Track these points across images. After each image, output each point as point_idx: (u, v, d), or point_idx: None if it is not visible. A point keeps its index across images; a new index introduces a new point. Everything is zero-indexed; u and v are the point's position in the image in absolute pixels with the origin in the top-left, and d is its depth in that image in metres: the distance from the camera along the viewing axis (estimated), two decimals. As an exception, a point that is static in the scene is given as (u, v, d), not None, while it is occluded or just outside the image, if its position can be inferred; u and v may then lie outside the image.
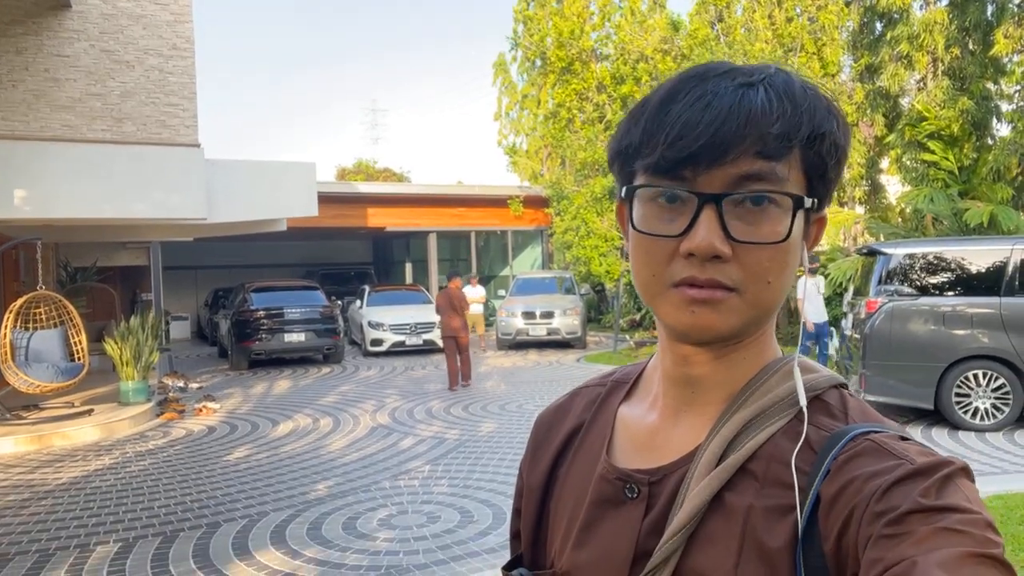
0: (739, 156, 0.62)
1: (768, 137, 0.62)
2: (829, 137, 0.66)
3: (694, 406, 0.71)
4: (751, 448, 0.65)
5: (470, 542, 4.59)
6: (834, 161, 0.67)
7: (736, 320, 0.65)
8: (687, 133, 0.62)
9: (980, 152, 13.47)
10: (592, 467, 0.77)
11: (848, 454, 0.61)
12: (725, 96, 0.63)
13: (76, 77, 9.01)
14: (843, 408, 0.67)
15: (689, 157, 0.63)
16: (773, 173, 0.63)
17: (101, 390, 10.14)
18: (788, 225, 0.64)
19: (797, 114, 0.64)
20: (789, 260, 0.66)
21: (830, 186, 0.68)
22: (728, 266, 0.63)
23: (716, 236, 0.62)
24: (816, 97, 0.67)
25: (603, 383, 0.86)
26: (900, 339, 7.28)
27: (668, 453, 0.71)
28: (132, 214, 9.09)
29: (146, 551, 4.60)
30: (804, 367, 0.71)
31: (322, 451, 7.12)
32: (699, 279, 0.63)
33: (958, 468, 0.58)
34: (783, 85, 0.65)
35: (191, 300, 23.79)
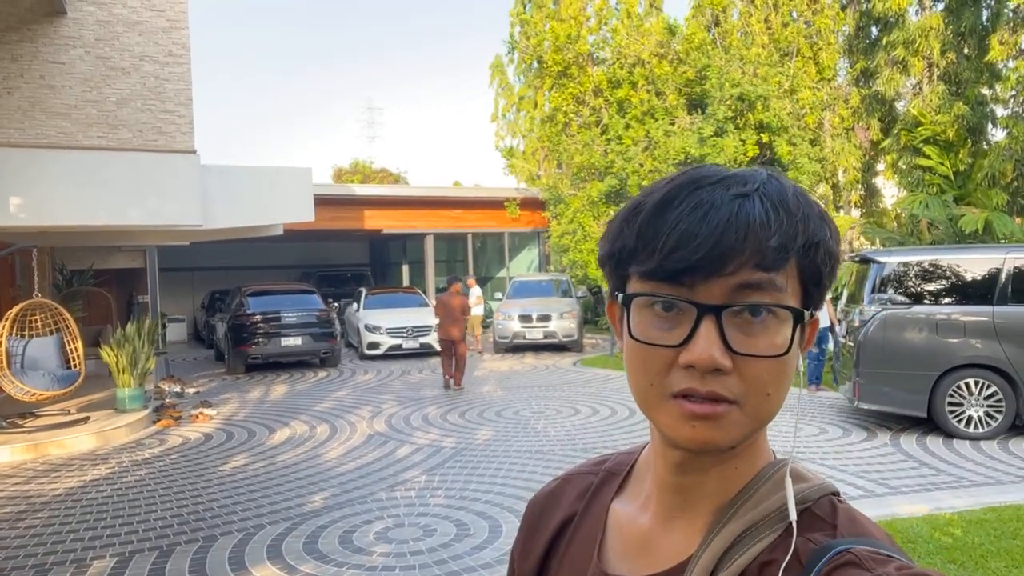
0: (738, 268, 0.63)
1: (767, 249, 0.63)
2: (823, 245, 0.66)
3: (686, 513, 0.72)
4: (741, 565, 0.66)
5: (466, 557, 4.60)
6: (828, 269, 0.67)
7: (737, 433, 0.65)
8: (685, 244, 0.63)
9: (975, 157, 13.53)
10: (584, 566, 0.77)
11: (830, 567, 0.61)
12: (722, 207, 0.64)
13: (71, 84, 9.00)
14: (833, 519, 0.67)
15: (688, 268, 0.63)
16: (772, 284, 0.63)
17: (97, 396, 10.13)
18: (788, 337, 0.64)
19: (793, 224, 0.64)
20: (788, 371, 0.66)
21: (824, 292, 0.69)
22: (728, 378, 0.63)
23: (716, 348, 0.62)
24: (808, 205, 0.67)
25: (595, 471, 0.86)
26: (893, 347, 7.33)
27: (659, 561, 0.71)
28: (127, 221, 9.08)
29: (143, 566, 4.60)
30: (796, 475, 0.70)
31: (319, 460, 7.12)
32: (700, 391, 0.63)
33: None
34: (777, 195, 0.66)
35: (187, 302, 23.75)
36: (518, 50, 20.29)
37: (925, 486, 5.76)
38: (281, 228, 13.47)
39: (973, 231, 11.21)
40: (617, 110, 16.76)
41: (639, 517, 0.76)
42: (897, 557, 0.62)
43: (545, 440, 7.66)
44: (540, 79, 19.73)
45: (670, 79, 16.27)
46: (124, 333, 9.35)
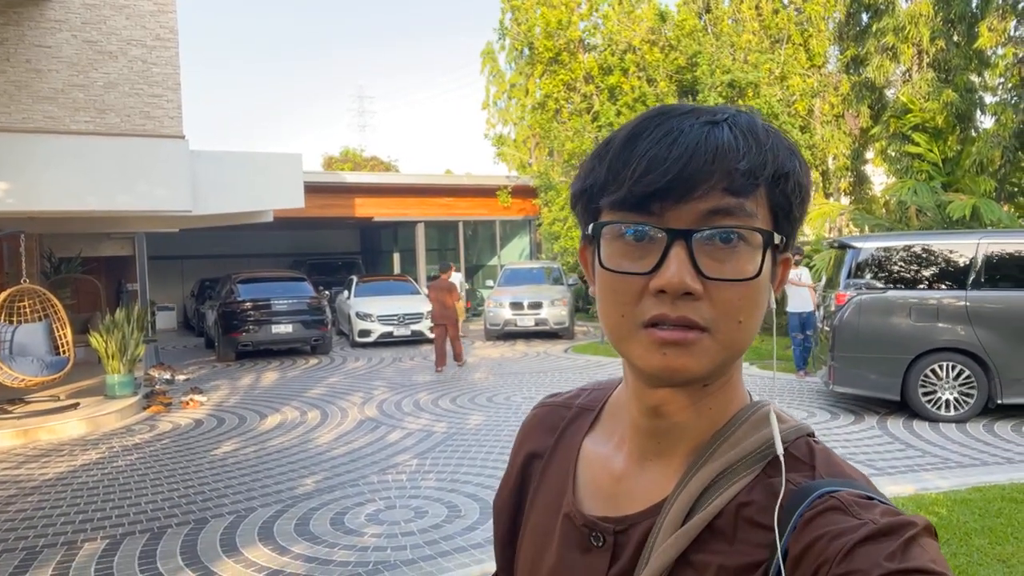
0: (707, 192, 0.62)
1: (735, 173, 0.62)
2: (793, 176, 0.66)
3: (661, 456, 0.71)
4: (718, 506, 0.65)
5: (457, 537, 4.63)
6: (798, 200, 0.67)
7: (708, 362, 0.63)
8: (655, 168, 0.62)
9: (964, 144, 13.59)
10: (557, 503, 0.78)
11: (814, 511, 0.61)
12: (691, 132, 0.63)
13: (58, 68, 8.91)
14: (811, 460, 0.67)
15: (657, 192, 0.62)
16: (742, 209, 0.62)
17: (87, 383, 10.09)
18: (759, 262, 0.63)
19: (762, 152, 0.64)
20: (759, 299, 0.65)
21: (795, 226, 0.68)
22: (700, 304, 0.62)
23: (687, 272, 0.61)
24: (778, 138, 0.67)
25: (568, 405, 0.86)
26: (868, 332, 7.41)
27: (634, 503, 0.71)
28: (116, 206, 9.03)
29: (134, 548, 4.61)
30: (776, 415, 0.70)
31: (310, 445, 7.13)
32: (670, 317, 0.62)
33: (921, 528, 0.58)
34: (747, 124, 0.65)
35: (177, 290, 23.65)
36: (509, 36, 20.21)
37: (911, 467, 5.83)
38: (271, 215, 13.42)
39: (961, 217, 11.28)
40: (608, 97, 16.74)
41: (612, 458, 0.76)
42: (879, 499, 0.62)
43: (536, 424, 7.68)
44: (531, 66, 19.66)
45: (661, 66, 16.25)
46: (113, 319, 9.31)
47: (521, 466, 0.85)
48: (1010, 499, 4.87)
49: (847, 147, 16.88)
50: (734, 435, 0.69)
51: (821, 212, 14.26)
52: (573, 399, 0.87)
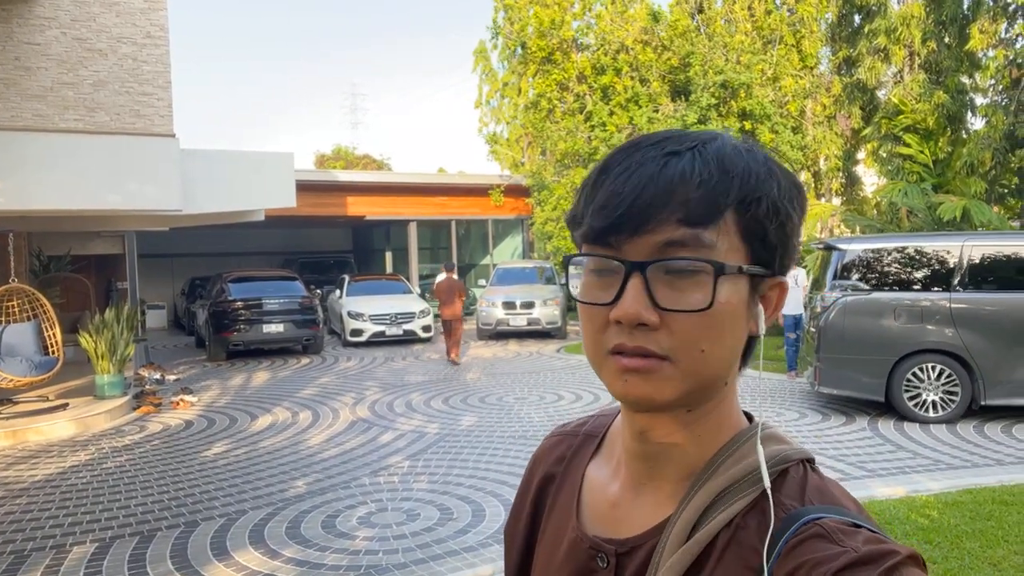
0: (661, 223, 0.63)
1: (690, 203, 0.63)
2: (766, 200, 0.65)
3: (653, 480, 0.73)
4: (719, 524, 0.66)
5: (449, 540, 4.62)
6: (775, 224, 0.66)
7: (671, 390, 0.64)
8: (610, 203, 0.64)
9: (955, 146, 13.66)
10: (563, 527, 0.79)
11: (799, 538, 0.61)
12: (648, 165, 0.65)
13: (47, 66, 8.83)
14: (803, 486, 0.68)
15: (611, 226, 0.64)
16: (697, 239, 0.63)
17: (76, 383, 10.02)
18: (711, 293, 0.63)
19: (726, 179, 0.64)
20: (725, 328, 0.65)
21: (776, 250, 0.67)
22: (657, 334, 0.63)
23: (641, 304, 0.63)
24: (754, 160, 0.66)
25: (576, 433, 0.88)
26: (853, 333, 7.47)
27: (632, 527, 0.73)
28: (106, 205, 8.95)
29: (123, 551, 4.57)
30: (774, 437, 0.71)
31: (301, 446, 7.10)
32: (628, 346, 0.64)
33: (905, 557, 0.58)
34: (715, 151, 0.65)
35: (167, 288, 23.51)
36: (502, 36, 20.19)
37: (903, 469, 5.85)
38: (262, 214, 13.36)
39: (951, 219, 11.33)
40: (601, 97, 16.73)
41: (611, 483, 0.77)
42: (866, 526, 0.62)
43: (528, 425, 7.68)
44: (524, 65, 19.63)
45: (654, 66, 16.25)
46: (103, 319, 9.24)
47: (535, 495, 0.86)
48: (1001, 501, 4.89)
49: (839, 148, 16.94)
50: (737, 451, 0.70)
51: (813, 213, 14.30)
52: (580, 427, 0.89)
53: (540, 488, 0.86)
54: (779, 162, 0.70)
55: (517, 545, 0.87)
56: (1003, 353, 7.06)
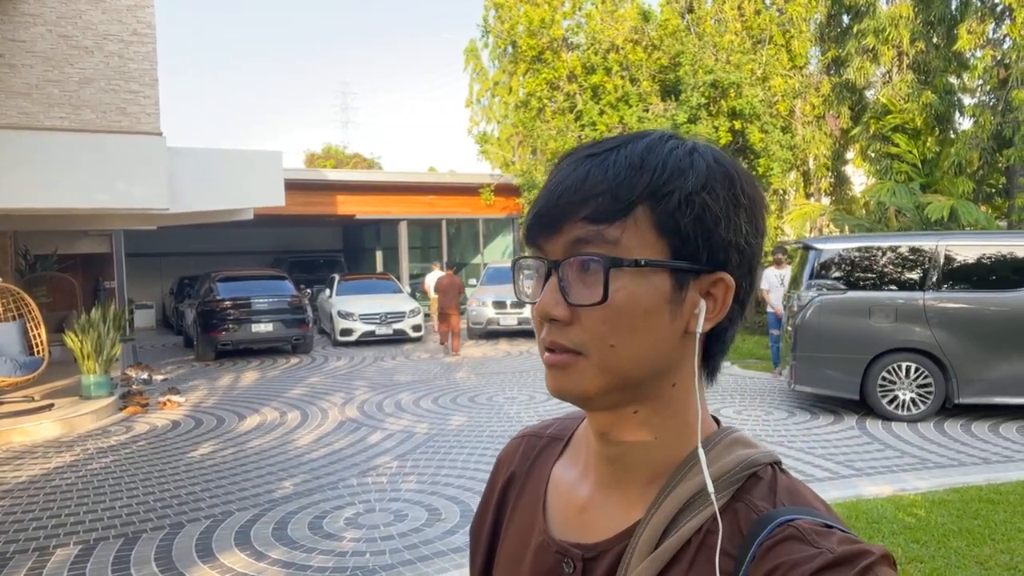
0: (570, 223, 0.65)
1: (593, 200, 0.64)
2: (679, 193, 0.64)
3: (620, 484, 0.72)
4: (690, 529, 0.66)
5: (437, 541, 4.59)
6: (689, 217, 0.64)
7: (588, 383, 0.66)
8: (534, 207, 0.69)
9: (943, 146, 13.74)
10: (528, 531, 0.78)
11: (773, 540, 0.61)
12: (567, 170, 0.68)
13: (32, 63, 8.75)
14: (773, 488, 0.67)
15: (533, 228, 0.68)
16: (600, 236, 0.64)
17: (62, 383, 9.93)
18: (602, 287, 0.63)
19: (634, 176, 0.65)
20: (633, 323, 0.64)
21: (696, 244, 0.65)
22: (570, 329, 0.65)
23: (552, 300, 0.65)
24: (676, 156, 0.66)
25: (540, 435, 0.87)
26: (828, 332, 7.53)
27: (600, 531, 0.72)
28: (93, 204, 8.89)
29: (107, 554, 4.53)
30: (740, 441, 0.71)
31: (289, 447, 7.06)
32: (546, 341, 0.67)
33: (879, 557, 0.58)
34: (635, 150, 0.66)
35: (155, 288, 23.38)
36: (492, 34, 20.15)
37: (890, 468, 5.86)
38: (251, 213, 13.31)
39: (939, 218, 11.39)
40: (591, 96, 16.73)
41: (578, 486, 0.77)
42: (837, 527, 0.62)
43: (518, 425, 7.66)
44: (514, 64, 19.61)
45: (644, 65, 16.26)
46: (89, 319, 9.16)
47: (499, 495, 0.86)
48: (987, 500, 4.91)
49: (828, 148, 17.01)
50: (707, 456, 0.69)
51: (802, 212, 14.35)
52: (545, 428, 0.88)
53: (504, 489, 0.86)
54: (715, 156, 0.68)
55: (482, 545, 0.86)
56: (976, 352, 7.11)
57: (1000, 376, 7.05)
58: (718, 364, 0.72)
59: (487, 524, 0.86)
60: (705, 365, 0.71)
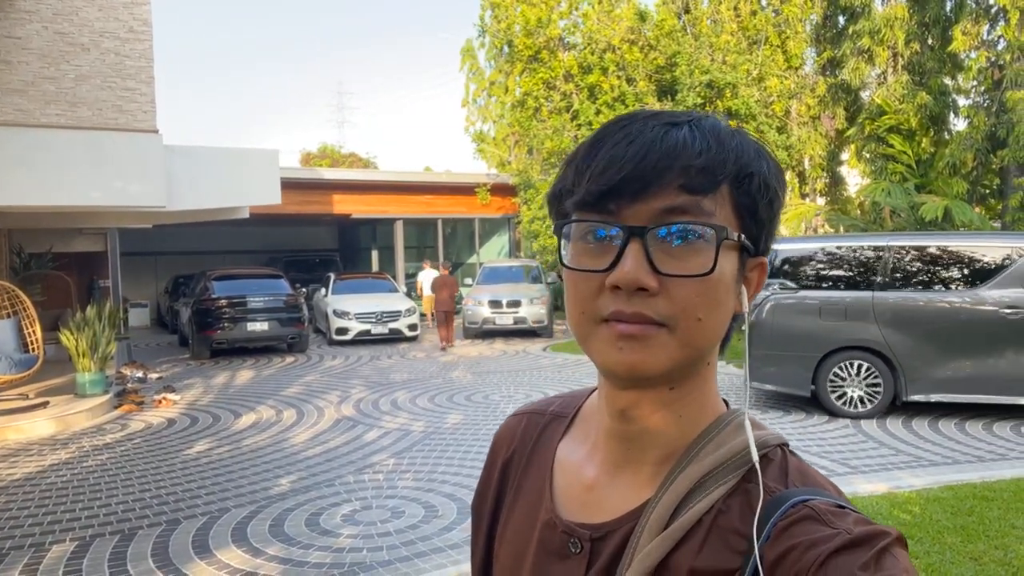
0: (662, 189, 0.62)
1: (691, 170, 0.63)
2: (759, 176, 0.66)
3: (631, 464, 0.71)
4: (700, 510, 0.65)
5: (434, 538, 4.60)
6: (765, 201, 0.67)
7: (666, 358, 0.63)
8: (611, 167, 0.63)
9: (937, 146, 13.79)
10: (535, 511, 0.77)
11: (789, 520, 0.61)
12: (649, 133, 0.64)
13: (28, 60, 8.73)
14: (784, 469, 0.67)
15: (612, 190, 0.63)
16: (698, 207, 0.63)
17: (57, 381, 9.90)
18: (713, 258, 0.63)
19: (723, 152, 0.64)
20: (720, 297, 0.65)
21: (764, 227, 0.68)
22: (656, 300, 0.62)
23: (641, 268, 0.62)
24: (745, 140, 0.68)
25: (542, 412, 0.86)
26: (781, 330, 7.65)
27: (608, 511, 0.71)
28: (88, 202, 8.86)
29: (103, 550, 4.52)
30: (752, 423, 0.71)
31: (285, 444, 7.05)
32: (625, 312, 0.62)
33: (894, 539, 0.59)
34: (710, 126, 0.66)
35: (151, 287, 23.32)
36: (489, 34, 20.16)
37: (885, 465, 5.89)
38: (247, 211, 13.29)
39: (933, 218, 11.44)
40: (588, 96, 16.75)
41: (585, 465, 0.76)
42: (850, 508, 0.62)
43: (514, 423, 7.66)
44: (511, 64, 19.63)
45: (640, 65, 16.29)
46: (84, 317, 9.14)
47: (500, 473, 0.85)
48: (981, 497, 4.94)
49: (823, 148, 17.06)
50: (714, 440, 0.69)
51: (797, 212, 14.39)
52: (547, 406, 0.87)
53: (504, 467, 0.85)
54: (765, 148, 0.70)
55: (484, 523, 0.86)
56: (923, 350, 7.20)
57: (947, 374, 7.15)
58: (726, 346, 0.73)
59: (488, 501, 0.86)
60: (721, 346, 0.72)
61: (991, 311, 6.97)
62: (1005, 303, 6.94)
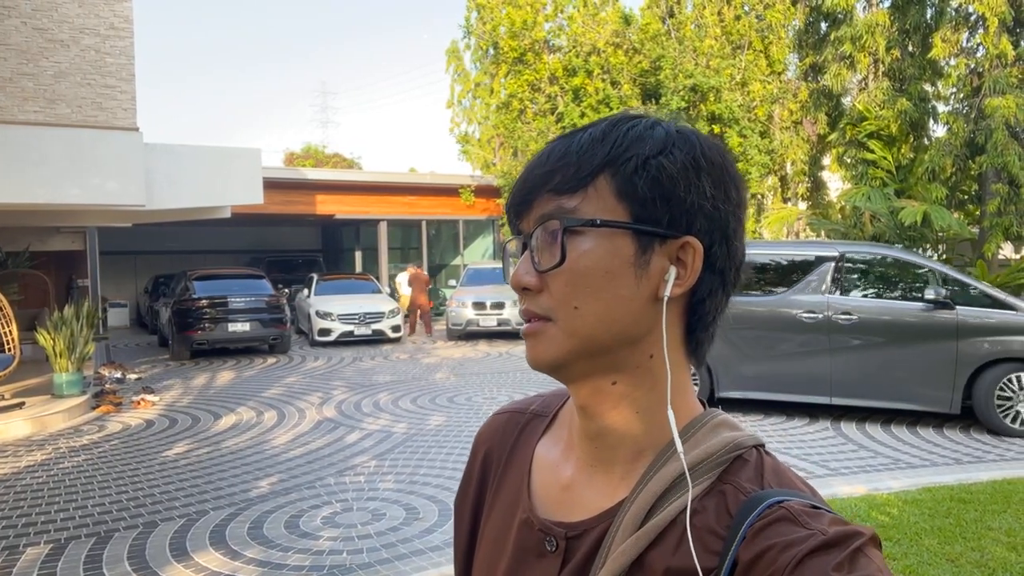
0: (538, 197, 0.68)
1: (555, 175, 0.67)
2: (636, 158, 0.66)
3: (604, 463, 0.72)
4: (675, 509, 0.65)
5: (415, 540, 4.57)
6: (645, 179, 0.65)
7: (556, 349, 0.67)
8: (516, 186, 0.71)
9: (917, 152, 13.93)
10: (512, 509, 0.78)
11: (764, 521, 0.61)
12: (550, 147, 0.71)
13: (6, 56, 8.60)
14: (760, 470, 0.67)
15: (513, 208, 0.71)
16: (560, 208, 0.67)
17: (33, 381, 9.77)
18: (559, 248, 0.65)
19: (596, 147, 0.67)
20: (595, 284, 0.65)
21: (655, 205, 0.65)
22: (540, 296, 0.68)
23: (524, 270, 0.68)
24: (637, 129, 0.68)
25: (523, 411, 0.87)
26: None
27: (585, 510, 0.72)
28: (67, 200, 8.75)
29: (79, 553, 4.46)
30: (726, 424, 0.71)
31: (265, 446, 6.99)
32: (523, 311, 0.70)
33: (868, 538, 0.59)
34: (602, 126, 0.69)
35: (130, 287, 23.09)
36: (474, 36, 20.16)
37: (864, 468, 5.94)
38: (229, 211, 13.17)
39: (912, 223, 11.56)
40: (572, 98, 16.79)
41: (562, 464, 0.76)
42: (825, 509, 0.63)
43: (496, 425, 7.65)
44: (496, 65, 19.63)
45: (625, 68, 16.35)
46: (62, 316, 9.02)
47: (480, 471, 0.86)
48: (958, 499, 4.99)
49: (805, 153, 17.20)
50: (694, 437, 0.69)
51: (779, 216, 14.50)
52: (528, 405, 0.88)
53: (484, 465, 0.86)
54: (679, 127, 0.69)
55: (466, 521, 0.86)
56: (732, 351, 7.65)
57: (754, 373, 7.63)
58: (701, 340, 0.71)
59: (469, 500, 0.86)
60: (687, 341, 0.70)
61: (790, 314, 7.46)
62: (803, 307, 7.42)
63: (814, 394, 7.48)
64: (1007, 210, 12.26)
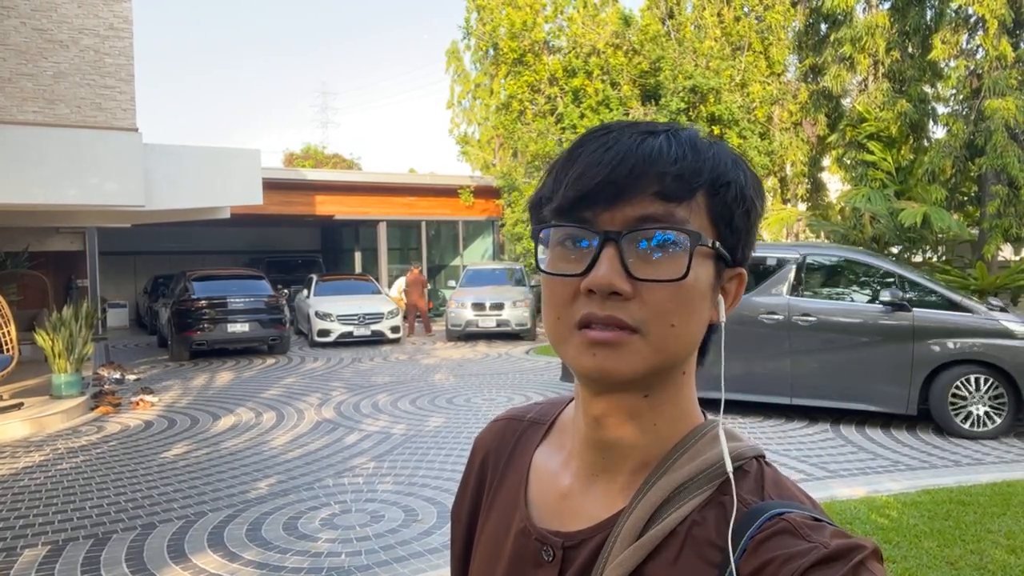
0: (637, 196, 0.63)
1: (666, 178, 0.63)
2: (735, 186, 0.66)
3: (606, 472, 0.71)
4: (674, 520, 0.65)
5: (413, 542, 4.57)
6: (741, 210, 0.67)
7: (639, 364, 0.63)
8: (586, 174, 0.64)
9: (917, 153, 13.93)
10: (509, 518, 0.77)
11: (765, 533, 0.61)
12: (626, 141, 0.65)
13: (5, 56, 8.60)
14: (760, 481, 0.67)
15: (587, 196, 0.64)
16: (671, 215, 0.63)
17: (32, 382, 9.76)
18: (686, 263, 0.63)
19: (698, 160, 0.65)
20: (694, 304, 0.65)
21: (740, 237, 0.68)
22: (629, 304, 0.62)
23: (615, 273, 0.62)
24: (722, 150, 0.68)
25: (521, 418, 0.86)
26: None
27: (581, 520, 0.71)
28: (66, 200, 8.74)
29: (76, 554, 4.45)
30: (728, 434, 0.71)
31: (264, 447, 6.98)
32: (599, 316, 0.62)
33: (869, 552, 0.58)
34: (687, 136, 0.67)
35: (130, 287, 23.08)
36: (474, 36, 20.16)
37: (863, 470, 5.93)
38: (228, 212, 13.17)
39: (912, 224, 11.56)
40: (572, 99, 16.78)
41: (561, 474, 0.76)
42: (826, 521, 0.62)
43: (495, 426, 7.64)
44: (496, 66, 19.64)
45: (625, 70, 16.35)
46: (60, 317, 9.01)
47: (477, 478, 0.86)
48: (958, 502, 4.98)
49: (805, 154, 17.21)
50: (694, 447, 0.69)
51: (778, 218, 14.49)
52: (525, 413, 0.87)
53: (481, 472, 0.85)
54: (736, 159, 0.70)
55: (462, 528, 0.86)
56: None
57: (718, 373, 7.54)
58: (705, 357, 0.73)
59: (466, 506, 0.86)
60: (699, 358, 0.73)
61: (752, 316, 7.47)
62: (765, 308, 7.46)
63: (775, 394, 7.53)
64: (1007, 212, 12.26)
